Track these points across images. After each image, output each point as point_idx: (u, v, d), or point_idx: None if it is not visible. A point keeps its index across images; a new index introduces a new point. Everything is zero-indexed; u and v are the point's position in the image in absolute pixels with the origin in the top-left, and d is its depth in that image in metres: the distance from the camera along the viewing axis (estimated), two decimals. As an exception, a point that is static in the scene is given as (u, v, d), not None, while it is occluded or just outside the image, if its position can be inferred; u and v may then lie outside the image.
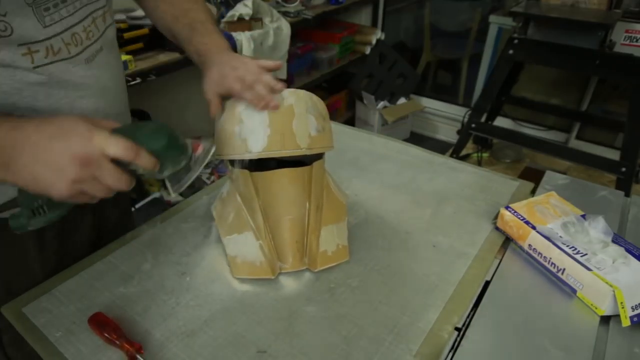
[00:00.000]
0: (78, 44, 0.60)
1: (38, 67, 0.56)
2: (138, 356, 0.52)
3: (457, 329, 0.56)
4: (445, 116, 2.74)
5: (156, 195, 1.66)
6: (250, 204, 0.64)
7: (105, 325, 0.55)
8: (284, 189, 0.64)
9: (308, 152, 0.63)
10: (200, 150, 0.55)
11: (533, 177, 0.89)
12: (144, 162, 0.48)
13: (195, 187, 1.73)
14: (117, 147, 0.45)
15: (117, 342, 0.53)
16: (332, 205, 0.67)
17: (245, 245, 0.64)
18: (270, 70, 0.65)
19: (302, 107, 0.63)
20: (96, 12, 0.63)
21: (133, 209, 1.09)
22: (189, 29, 0.71)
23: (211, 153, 0.56)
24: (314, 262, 0.64)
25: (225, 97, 0.66)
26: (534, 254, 0.65)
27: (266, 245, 0.63)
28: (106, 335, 0.54)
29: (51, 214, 0.52)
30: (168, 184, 0.55)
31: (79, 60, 0.60)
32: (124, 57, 1.37)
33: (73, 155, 0.44)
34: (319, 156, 0.68)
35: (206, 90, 0.66)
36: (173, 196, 0.55)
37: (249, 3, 1.74)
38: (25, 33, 0.53)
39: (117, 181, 0.46)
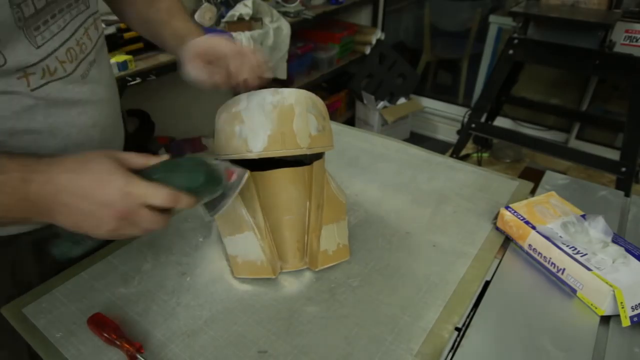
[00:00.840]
0: (73, 59, 0.58)
1: (35, 89, 0.54)
2: (138, 356, 0.52)
3: (457, 329, 0.56)
4: (445, 116, 2.74)
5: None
6: (251, 204, 0.64)
7: (104, 325, 0.55)
8: (285, 189, 0.64)
9: (308, 152, 0.63)
10: (234, 177, 0.55)
11: (533, 177, 0.89)
12: (185, 203, 0.48)
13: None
14: (158, 198, 0.46)
15: (117, 342, 0.53)
16: (332, 205, 0.67)
17: (246, 245, 0.64)
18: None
19: (303, 107, 0.63)
20: (87, 22, 0.62)
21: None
22: (166, 12, 0.70)
23: (244, 179, 0.56)
24: (315, 261, 0.64)
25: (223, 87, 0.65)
26: (534, 254, 0.65)
27: (267, 244, 0.63)
28: (106, 335, 0.54)
29: (91, 242, 0.53)
30: (203, 211, 0.55)
31: (75, 78, 0.59)
32: (124, 57, 1.37)
33: (113, 211, 0.45)
34: (319, 156, 0.68)
35: (184, 56, 0.64)
36: (207, 220, 0.57)
37: (249, 3, 1.74)
38: (20, 59, 0.51)
39: (156, 225, 0.48)
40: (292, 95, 0.64)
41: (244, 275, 0.64)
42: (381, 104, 2.55)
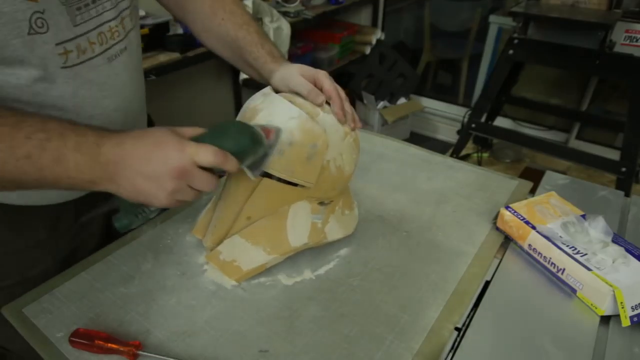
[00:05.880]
0: (103, 42, 0.61)
1: (70, 66, 0.56)
2: (140, 352, 0.52)
3: (457, 328, 0.57)
4: (445, 116, 2.74)
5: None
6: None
7: (93, 337, 0.53)
8: (234, 182, 0.65)
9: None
10: (272, 136, 0.57)
11: (533, 177, 0.89)
12: (231, 166, 0.51)
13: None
14: (208, 155, 0.49)
15: (115, 347, 0.52)
16: (264, 230, 0.66)
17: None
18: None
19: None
20: (124, 12, 0.64)
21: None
22: (258, 36, 0.72)
23: (281, 136, 0.57)
24: (212, 255, 0.66)
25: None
26: (534, 254, 0.65)
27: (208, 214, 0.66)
28: (100, 343, 0.52)
29: (149, 213, 0.57)
30: (248, 171, 0.57)
31: (101, 59, 0.61)
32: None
33: (170, 168, 0.48)
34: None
35: (291, 82, 0.66)
36: (253, 179, 0.59)
37: (249, 3, 1.74)
38: (58, 31, 0.54)
39: (208, 185, 0.50)
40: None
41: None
42: (381, 104, 2.55)
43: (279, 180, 0.61)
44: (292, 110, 0.60)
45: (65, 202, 0.70)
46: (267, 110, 0.60)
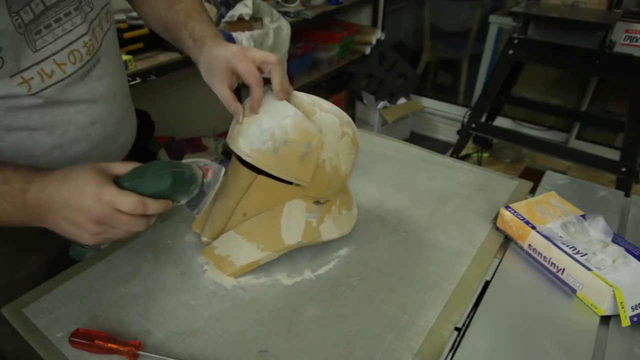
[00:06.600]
0: (76, 61, 0.59)
1: (35, 93, 0.55)
2: (140, 352, 0.52)
3: (457, 328, 0.56)
4: (445, 116, 2.74)
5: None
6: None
7: (93, 337, 0.53)
8: (232, 176, 0.65)
9: (248, 159, 0.60)
10: (210, 174, 0.56)
11: (533, 177, 0.89)
12: (155, 209, 0.51)
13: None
14: (125, 205, 0.49)
15: (115, 347, 0.52)
16: (261, 227, 0.65)
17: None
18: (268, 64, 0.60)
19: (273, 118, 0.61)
20: (93, 23, 0.61)
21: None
22: (184, 14, 0.69)
23: (221, 175, 0.56)
24: (207, 250, 0.67)
25: (244, 92, 0.62)
26: (534, 254, 0.65)
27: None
28: (100, 343, 0.53)
29: (99, 246, 0.60)
30: (189, 209, 0.57)
31: (74, 80, 0.59)
32: (124, 57, 1.37)
33: (89, 217, 0.49)
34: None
35: (212, 82, 0.62)
36: (196, 218, 0.61)
37: (249, 3, 1.74)
38: (14, 63, 0.52)
39: (134, 227, 0.51)
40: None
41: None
42: (381, 104, 2.55)
43: (274, 177, 0.61)
44: (288, 108, 0.60)
45: None
46: (263, 108, 0.60)
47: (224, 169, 0.59)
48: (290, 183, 0.62)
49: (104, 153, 0.68)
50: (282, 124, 0.59)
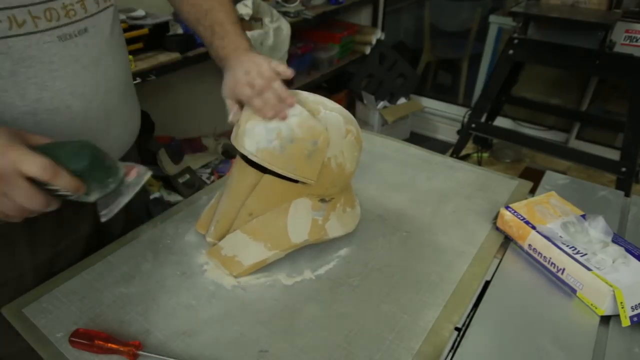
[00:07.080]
0: (52, 19, 0.55)
1: (1, 38, 0.52)
2: (140, 352, 0.52)
3: (457, 328, 0.56)
4: (445, 116, 2.74)
5: (156, 195, 1.67)
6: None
7: (92, 337, 0.53)
8: (237, 177, 0.66)
9: (254, 159, 0.61)
10: (133, 174, 0.51)
11: (533, 177, 0.89)
12: (64, 183, 0.45)
13: (196, 186, 1.73)
14: (33, 164, 0.43)
15: (114, 347, 0.52)
16: (265, 226, 0.66)
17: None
18: (281, 75, 0.64)
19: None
20: None
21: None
22: (209, 32, 0.71)
23: (145, 179, 0.52)
24: (213, 250, 0.67)
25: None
26: (534, 254, 0.65)
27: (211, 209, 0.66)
28: (100, 343, 0.53)
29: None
30: (99, 209, 0.51)
31: (49, 36, 0.56)
32: (124, 57, 1.37)
33: None
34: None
35: (224, 97, 0.67)
36: (103, 221, 0.53)
37: (249, 3, 1.74)
38: None
39: (29, 201, 0.45)
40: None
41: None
42: (381, 104, 2.55)
43: (280, 176, 0.62)
44: (294, 107, 0.61)
45: None
46: None
47: (150, 174, 0.55)
48: (296, 181, 0.62)
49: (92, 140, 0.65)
50: (288, 123, 0.59)
